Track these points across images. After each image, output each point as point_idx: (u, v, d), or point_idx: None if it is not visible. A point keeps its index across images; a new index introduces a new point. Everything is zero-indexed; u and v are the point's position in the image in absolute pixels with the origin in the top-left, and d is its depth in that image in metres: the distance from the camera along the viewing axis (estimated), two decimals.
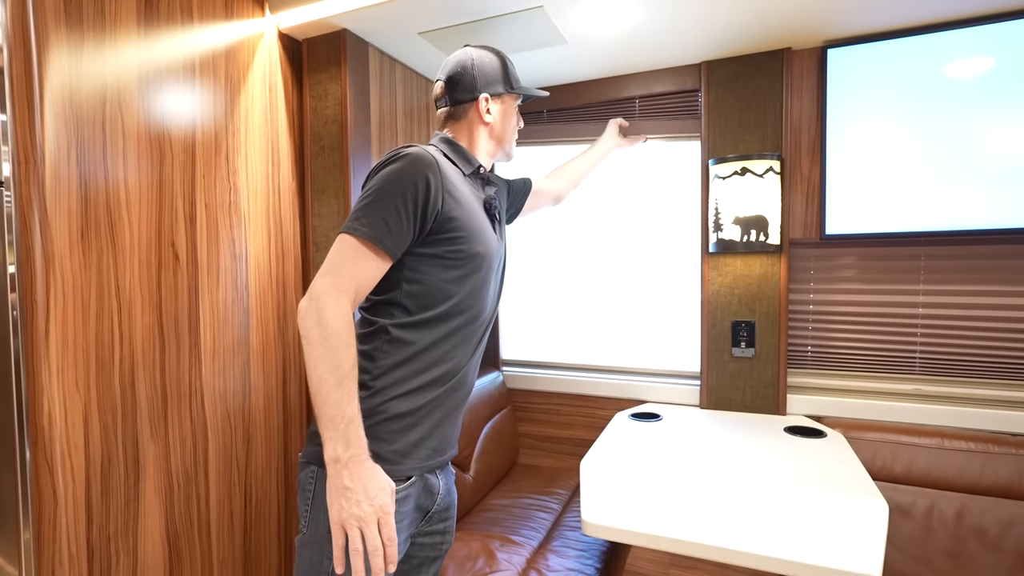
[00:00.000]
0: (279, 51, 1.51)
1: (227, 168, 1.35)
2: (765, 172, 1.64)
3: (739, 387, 1.77)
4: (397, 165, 0.90)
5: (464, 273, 0.96)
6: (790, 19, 1.49)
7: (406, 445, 0.92)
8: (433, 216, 0.91)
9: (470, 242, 0.95)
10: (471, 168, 1.05)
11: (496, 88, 1.08)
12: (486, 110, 1.07)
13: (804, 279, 1.77)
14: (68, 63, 1.02)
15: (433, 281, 0.93)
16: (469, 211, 0.97)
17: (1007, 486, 1.42)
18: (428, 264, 0.93)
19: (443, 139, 1.06)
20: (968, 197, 1.51)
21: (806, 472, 1.27)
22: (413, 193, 0.88)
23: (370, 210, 0.87)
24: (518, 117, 1.15)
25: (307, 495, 0.91)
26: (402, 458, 0.91)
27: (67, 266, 1.02)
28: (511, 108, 1.12)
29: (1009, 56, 1.44)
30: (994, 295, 1.57)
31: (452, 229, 0.93)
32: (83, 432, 1.05)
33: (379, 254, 0.87)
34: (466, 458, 1.77)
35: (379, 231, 0.86)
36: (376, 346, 0.92)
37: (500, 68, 1.09)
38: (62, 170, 1.01)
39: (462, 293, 0.96)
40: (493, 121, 1.08)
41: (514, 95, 1.12)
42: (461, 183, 0.99)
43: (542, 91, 1.18)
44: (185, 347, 1.25)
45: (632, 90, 1.90)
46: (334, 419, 0.80)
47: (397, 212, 0.87)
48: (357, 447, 0.80)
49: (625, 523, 1.07)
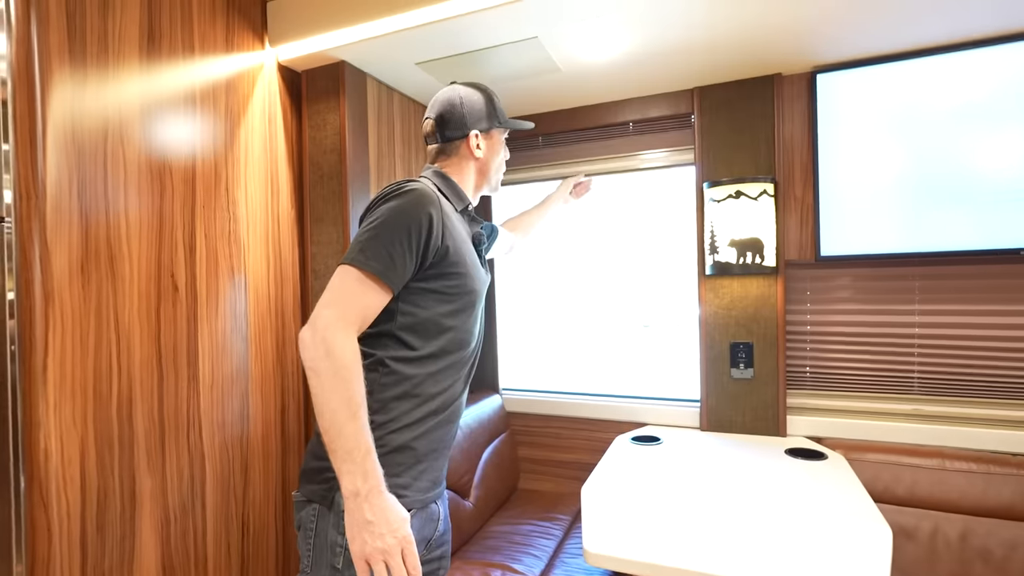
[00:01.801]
0: (279, 82, 1.53)
1: (227, 198, 1.36)
2: (759, 195, 1.66)
3: (739, 408, 1.76)
4: (401, 200, 0.91)
5: (458, 307, 0.97)
6: (779, 46, 1.52)
7: (409, 478, 0.92)
8: (434, 252, 0.92)
9: (466, 277, 0.97)
10: (462, 204, 1.08)
11: (483, 124, 1.11)
12: (476, 146, 1.10)
13: (801, 300, 1.78)
14: (71, 97, 1.04)
15: (429, 315, 0.94)
16: (464, 247, 0.99)
17: (1010, 507, 1.41)
18: (425, 298, 0.94)
19: (436, 173, 1.08)
20: (958, 218, 1.53)
21: (809, 496, 1.26)
22: (417, 229, 0.90)
23: (375, 243, 0.88)
24: (505, 150, 1.19)
25: (308, 534, 0.90)
26: (405, 491, 0.91)
27: (66, 300, 1.02)
28: (499, 142, 1.16)
29: (995, 80, 1.48)
30: (989, 314, 1.58)
31: (450, 265, 0.95)
32: (79, 466, 1.04)
33: (382, 287, 0.88)
34: (466, 484, 1.75)
35: (384, 265, 0.87)
36: (374, 379, 0.92)
37: (487, 104, 1.12)
38: (63, 204, 1.02)
39: (456, 326, 0.97)
40: (483, 156, 1.12)
41: (501, 129, 1.16)
42: (456, 219, 1.01)
43: (527, 123, 1.23)
44: (184, 378, 1.24)
45: (626, 115, 1.93)
46: (351, 452, 0.79)
47: (401, 247, 0.88)
48: (375, 479, 0.80)
49: (627, 553, 1.06)
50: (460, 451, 1.73)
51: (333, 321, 0.83)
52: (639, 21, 1.36)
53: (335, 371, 0.80)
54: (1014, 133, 1.46)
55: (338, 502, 0.88)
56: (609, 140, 2.00)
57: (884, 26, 1.42)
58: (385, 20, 1.36)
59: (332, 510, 0.88)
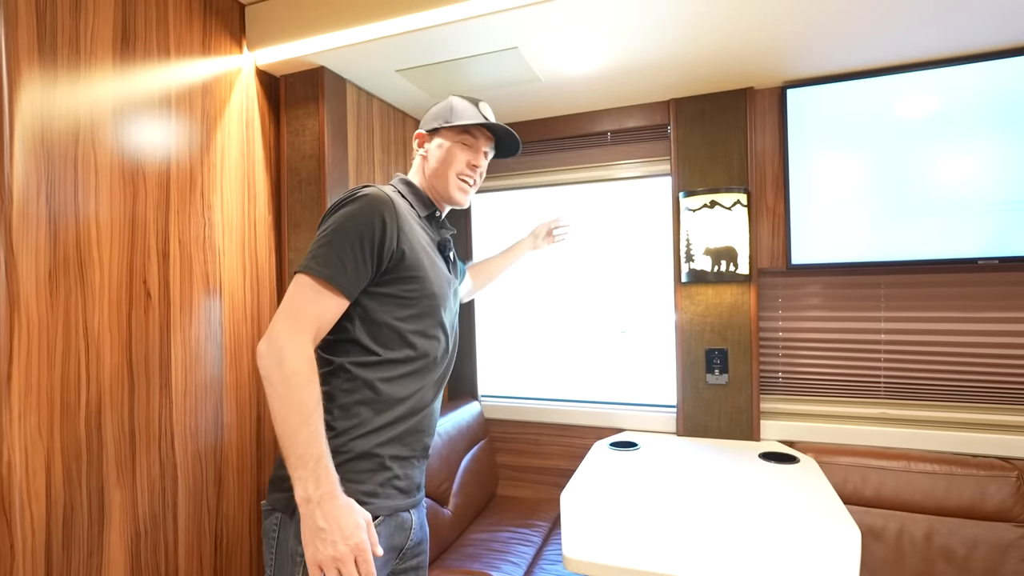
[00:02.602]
0: (256, 87, 1.51)
1: (202, 203, 1.34)
2: (733, 205, 1.70)
3: (714, 414, 1.80)
4: (354, 206, 0.91)
5: (418, 312, 0.96)
6: (751, 61, 1.57)
7: (374, 485, 0.91)
8: (389, 256, 0.92)
9: (424, 282, 0.96)
10: (427, 211, 1.06)
11: (431, 124, 1.08)
12: (419, 145, 1.09)
13: (773, 307, 1.82)
14: (40, 98, 1.01)
15: (388, 320, 0.94)
16: (423, 252, 0.98)
17: (970, 507, 1.47)
18: (383, 303, 0.94)
19: (402, 180, 1.08)
20: (920, 228, 1.59)
21: (781, 499, 1.29)
22: (370, 234, 0.89)
23: (327, 250, 0.88)
24: (472, 156, 1.07)
25: (271, 544, 0.89)
26: (370, 498, 0.90)
27: (33, 307, 0.99)
28: (452, 145, 1.05)
29: (952, 97, 1.55)
30: (950, 321, 1.65)
31: (406, 269, 0.94)
32: (45, 480, 1.00)
33: (336, 294, 0.88)
34: (444, 492, 1.74)
35: (335, 271, 0.87)
36: (336, 385, 0.92)
37: (445, 107, 1.08)
38: (31, 208, 0.99)
39: (418, 331, 0.97)
40: (426, 155, 1.08)
41: (455, 131, 1.06)
42: (416, 224, 1.01)
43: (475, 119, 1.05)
44: (155, 386, 1.21)
45: (604, 125, 1.97)
46: (303, 458, 0.79)
47: (353, 252, 0.88)
48: (328, 484, 0.79)
49: (606, 558, 1.07)
50: (439, 458, 1.72)
51: (285, 330, 0.83)
52: (617, 35, 1.39)
53: (285, 378, 0.80)
54: (972, 147, 1.54)
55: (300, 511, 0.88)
56: (587, 149, 2.03)
57: (849, 46, 1.48)
58: (365, 27, 1.36)
59: (293, 519, 0.87)
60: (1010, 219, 1.51)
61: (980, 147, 1.53)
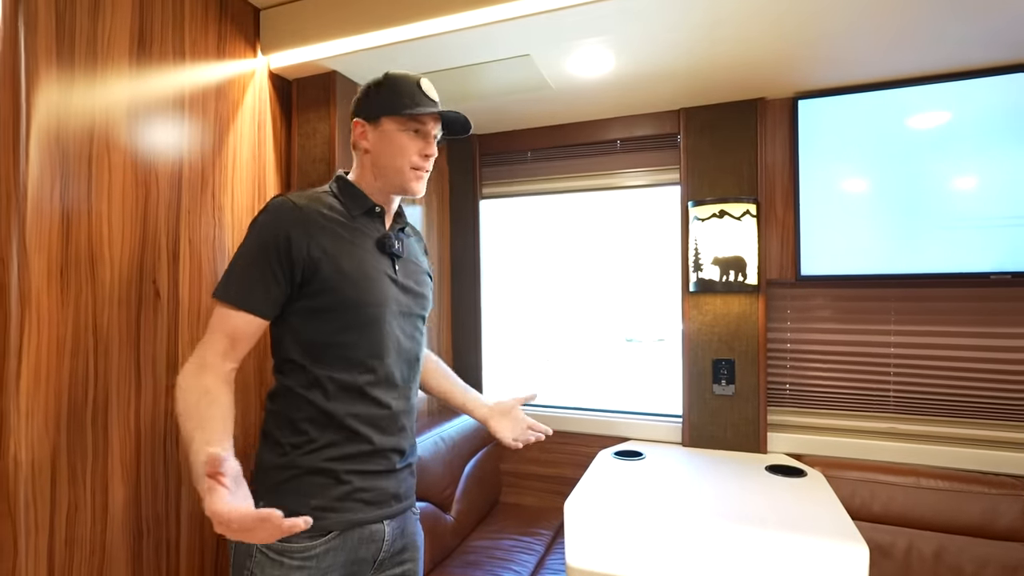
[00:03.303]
0: (269, 90, 1.53)
1: (213, 204, 1.35)
2: (742, 215, 1.70)
3: (720, 424, 1.78)
4: (258, 222, 0.91)
5: (347, 323, 0.92)
6: (762, 72, 1.57)
7: (328, 500, 0.91)
8: (302, 267, 0.89)
9: (345, 290, 0.91)
10: (361, 208, 0.98)
11: (374, 111, 0.96)
12: (360, 135, 0.98)
13: (781, 318, 1.81)
14: (57, 99, 1.02)
15: (314, 334, 0.92)
16: (346, 256, 0.92)
17: (981, 525, 1.44)
18: (305, 317, 0.92)
19: (337, 177, 1.03)
20: (932, 242, 1.58)
21: (788, 513, 1.28)
22: (275, 248, 0.88)
23: (234, 272, 0.89)
24: (424, 144, 0.98)
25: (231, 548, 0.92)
26: (322, 512, 0.90)
27: (44, 304, 0.99)
28: (398, 134, 0.96)
29: (965, 111, 1.54)
30: (961, 336, 1.63)
31: (323, 280, 0.90)
32: (50, 477, 1.00)
33: (246, 314, 0.88)
34: (448, 498, 1.74)
35: (243, 292, 0.88)
36: (281, 405, 0.94)
37: (387, 90, 0.96)
38: (44, 206, 1.00)
39: (350, 343, 0.92)
40: (370, 147, 0.97)
41: (401, 119, 0.95)
42: (343, 225, 0.94)
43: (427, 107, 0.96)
44: (162, 385, 1.22)
45: (614, 133, 1.97)
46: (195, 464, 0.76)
47: (260, 270, 0.88)
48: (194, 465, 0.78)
49: (610, 568, 1.06)
50: (443, 464, 1.72)
51: (190, 361, 0.87)
52: (628, 44, 1.39)
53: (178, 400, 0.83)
54: (985, 161, 1.52)
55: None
56: (597, 157, 2.03)
57: (862, 58, 1.47)
58: (378, 33, 1.37)
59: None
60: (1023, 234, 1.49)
61: (993, 161, 1.52)
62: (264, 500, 0.90)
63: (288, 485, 0.90)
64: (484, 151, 2.17)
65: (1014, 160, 1.50)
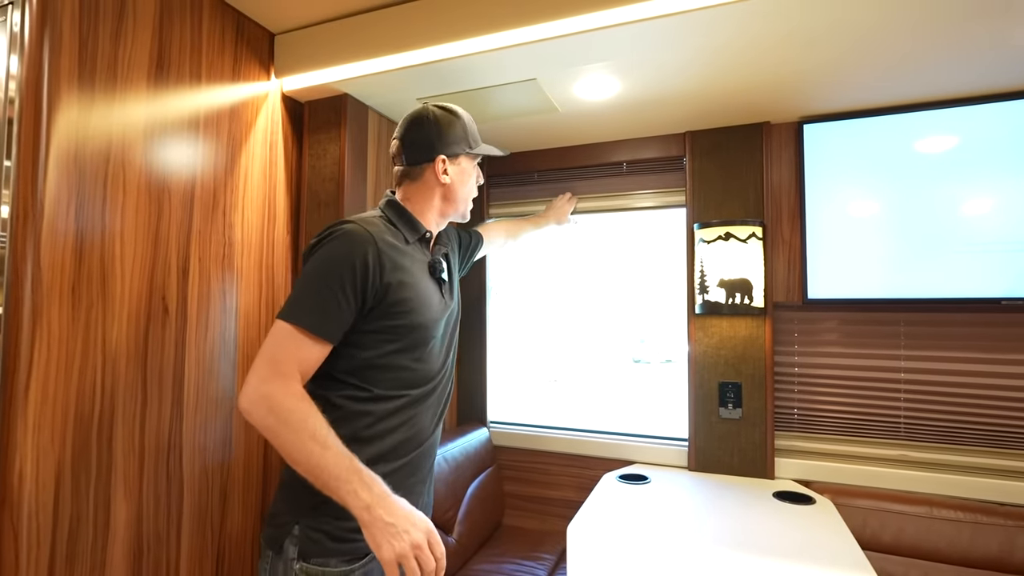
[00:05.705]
0: (282, 112, 1.56)
1: (223, 222, 1.37)
2: (748, 237, 1.70)
3: (727, 449, 1.76)
4: (331, 246, 0.90)
5: (406, 345, 0.94)
6: (767, 97, 1.58)
7: None
8: (373, 293, 0.90)
9: (412, 315, 0.94)
10: (416, 234, 1.02)
11: (452, 149, 1.04)
12: (443, 171, 1.03)
13: (789, 342, 1.79)
14: (76, 119, 1.05)
15: (373, 355, 0.92)
16: (411, 282, 0.95)
17: (998, 559, 1.40)
18: (370, 339, 0.92)
19: (390, 203, 1.04)
20: (941, 266, 1.57)
21: (796, 542, 1.25)
22: (351, 275, 0.87)
23: (306, 296, 0.87)
24: (478, 174, 1.13)
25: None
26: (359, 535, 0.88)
27: (55, 319, 1.01)
28: (468, 168, 1.09)
29: (973, 136, 1.54)
30: (972, 362, 1.60)
31: (393, 304, 0.91)
32: (54, 492, 1.01)
33: (316, 340, 0.87)
34: (449, 519, 1.72)
35: (317, 318, 0.86)
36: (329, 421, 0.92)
37: (458, 128, 1.06)
38: (60, 223, 1.02)
39: (405, 365, 0.95)
40: (450, 182, 1.05)
41: (472, 156, 1.10)
42: (403, 252, 0.97)
43: (500, 151, 1.16)
44: (167, 401, 1.22)
45: (620, 155, 1.99)
46: (339, 477, 0.78)
47: (335, 296, 0.86)
48: (378, 485, 0.79)
49: None
50: (445, 484, 1.70)
51: (266, 378, 0.82)
52: (633, 70, 1.41)
53: (285, 421, 0.80)
54: (994, 185, 1.52)
55: (287, 549, 0.88)
56: (603, 179, 2.04)
57: (866, 83, 1.48)
58: (389, 58, 1.40)
59: (281, 557, 0.87)
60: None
61: (1003, 185, 1.51)
62: (300, 523, 0.89)
63: (326, 507, 0.86)
64: (491, 172, 2.19)
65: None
